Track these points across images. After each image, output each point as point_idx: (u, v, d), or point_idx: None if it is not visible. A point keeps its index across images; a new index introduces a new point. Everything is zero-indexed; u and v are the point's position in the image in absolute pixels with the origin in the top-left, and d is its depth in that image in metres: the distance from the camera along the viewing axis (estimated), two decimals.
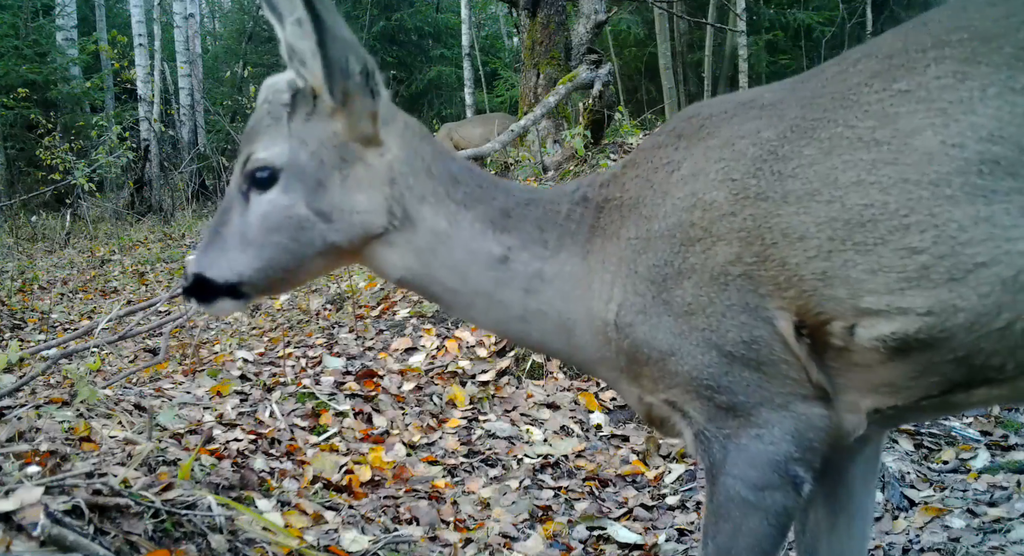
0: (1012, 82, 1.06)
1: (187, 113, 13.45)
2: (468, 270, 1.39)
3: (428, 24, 15.32)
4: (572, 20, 7.19)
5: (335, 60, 1.35)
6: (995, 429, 3.34)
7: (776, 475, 1.22)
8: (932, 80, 1.12)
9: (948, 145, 1.08)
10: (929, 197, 1.08)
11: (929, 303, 1.09)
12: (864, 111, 1.15)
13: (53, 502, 1.57)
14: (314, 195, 1.36)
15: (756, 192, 1.20)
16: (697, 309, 1.23)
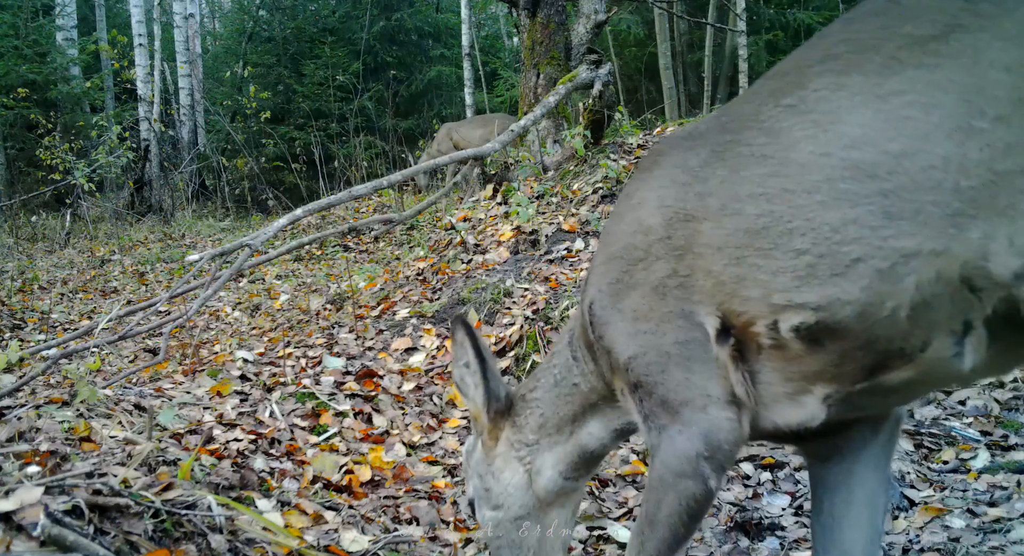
0: (878, 89, 1.14)
1: (187, 113, 13.44)
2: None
3: (428, 24, 15.30)
4: (572, 20, 7.18)
5: (488, 392, 1.78)
6: (995, 429, 3.34)
7: (689, 467, 1.40)
8: (811, 93, 1.22)
9: (818, 154, 1.18)
10: (805, 204, 1.19)
11: (819, 298, 1.20)
12: (759, 129, 1.28)
13: (53, 502, 1.57)
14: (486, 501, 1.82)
15: (685, 215, 1.36)
16: (642, 316, 1.43)
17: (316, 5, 15.17)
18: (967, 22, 1.09)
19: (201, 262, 4.29)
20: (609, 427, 1.72)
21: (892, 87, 1.13)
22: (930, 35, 1.12)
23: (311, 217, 7.95)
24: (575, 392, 1.72)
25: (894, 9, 1.20)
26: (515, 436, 1.78)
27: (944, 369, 1.21)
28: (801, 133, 1.21)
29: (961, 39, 1.09)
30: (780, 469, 3.17)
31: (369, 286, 5.35)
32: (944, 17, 1.12)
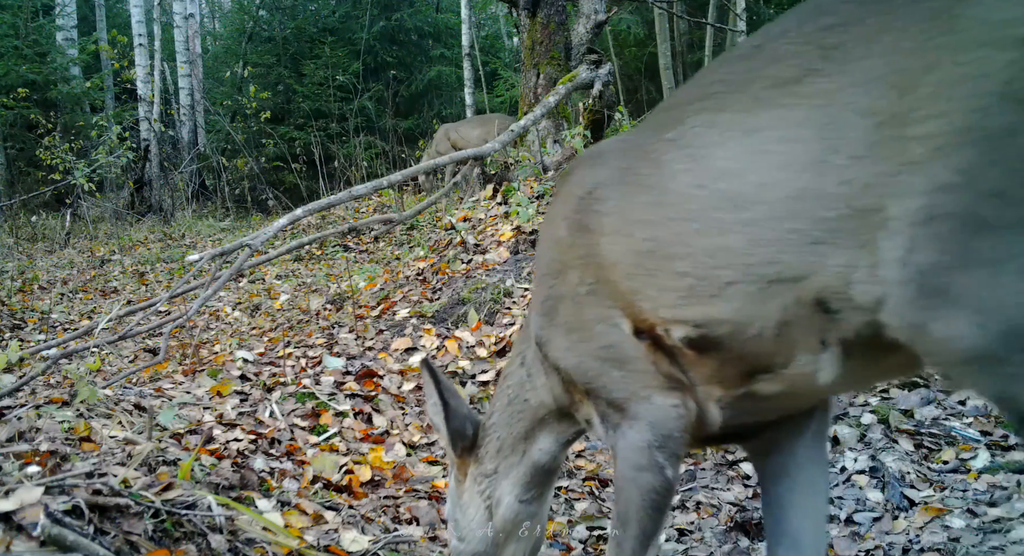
0: (744, 125, 1.24)
1: (187, 113, 13.44)
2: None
3: (428, 24, 15.29)
4: (572, 20, 7.18)
5: (455, 431, 1.86)
6: (995, 429, 3.34)
7: (644, 459, 1.49)
8: (690, 129, 1.32)
9: (693, 185, 1.29)
10: (684, 231, 1.30)
11: (699, 316, 1.31)
12: (647, 159, 1.39)
13: (53, 502, 1.57)
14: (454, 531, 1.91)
15: (585, 227, 1.48)
16: (572, 327, 1.55)
17: (316, 5, 15.16)
18: (822, 67, 1.17)
19: (201, 262, 4.28)
20: (558, 440, 1.82)
21: (755, 124, 1.23)
22: (790, 77, 1.20)
23: (311, 217, 7.95)
24: (526, 408, 1.80)
25: (759, 54, 1.29)
26: (478, 469, 1.87)
27: (805, 382, 1.31)
28: (680, 166, 1.32)
29: (816, 83, 1.17)
30: None
31: (369, 286, 5.35)
32: (802, 61, 1.20)
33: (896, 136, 1.09)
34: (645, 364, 1.45)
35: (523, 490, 1.83)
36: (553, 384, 1.71)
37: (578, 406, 1.68)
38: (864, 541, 2.56)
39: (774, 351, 1.28)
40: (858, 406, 3.64)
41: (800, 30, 1.24)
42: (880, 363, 1.27)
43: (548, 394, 1.75)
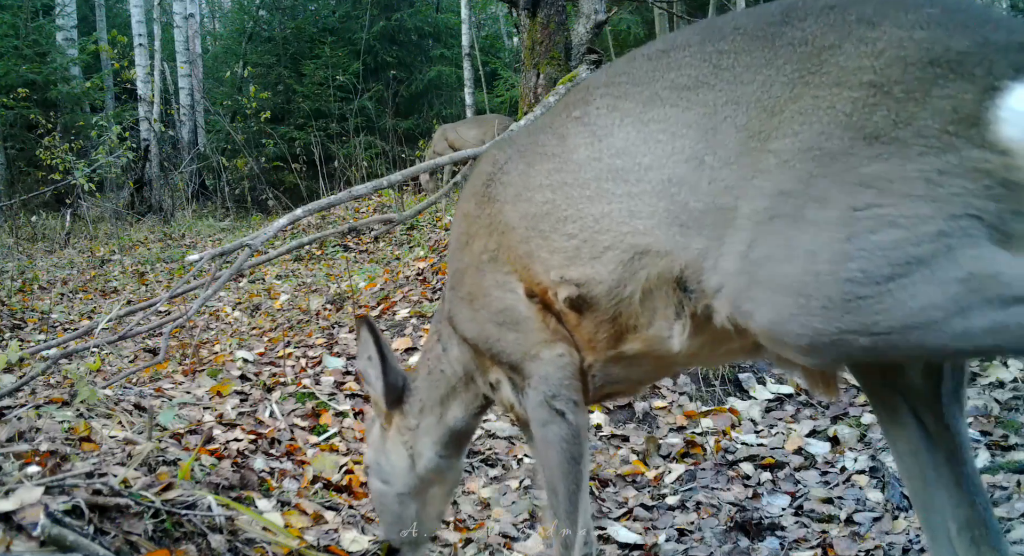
0: (642, 115, 1.44)
1: (187, 113, 13.44)
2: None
3: (428, 24, 15.27)
4: (572, 20, 7.18)
5: (390, 386, 2.01)
6: (995, 429, 3.33)
7: (546, 412, 1.66)
8: (594, 109, 1.51)
9: (591, 158, 1.48)
10: (577, 197, 1.49)
11: (581, 276, 1.50)
12: (552, 133, 1.58)
13: (53, 502, 1.57)
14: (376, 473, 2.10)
15: (489, 197, 1.67)
16: (474, 295, 1.73)
17: (316, 5, 15.16)
18: (713, 83, 1.37)
19: (201, 262, 4.28)
20: (467, 410, 2.01)
21: (652, 116, 1.43)
22: (685, 84, 1.41)
23: (311, 217, 7.95)
24: (442, 378, 1.99)
25: (664, 58, 1.48)
26: (403, 422, 2.05)
27: (663, 347, 1.51)
28: (581, 139, 1.51)
29: (706, 93, 1.37)
30: (780, 469, 3.17)
31: (369, 286, 5.35)
32: (698, 74, 1.40)
33: (758, 149, 1.29)
34: (536, 323, 1.64)
35: (441, 447, 2.03)
36: (465, 357, 1.90)
37: (489, 378, 1.87)
38: (864, 541, 2.56)
39: (638, 314, 1.48)
40: (858, 406, 3.64)
41: (701, 47, 1.43)
42: (725, 343, 1.44)
43: (460, 367, 1.94)
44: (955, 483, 1.37)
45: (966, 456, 1.38)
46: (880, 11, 1.28)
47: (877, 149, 1.20)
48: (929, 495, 1.40)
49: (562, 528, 1.69)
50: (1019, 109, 1.15)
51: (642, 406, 3.65)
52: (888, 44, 1.24)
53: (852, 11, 1.30)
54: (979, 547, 1.33)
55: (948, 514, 1.37)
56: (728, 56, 1.39)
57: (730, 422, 3.55)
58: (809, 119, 1.26)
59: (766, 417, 3.64)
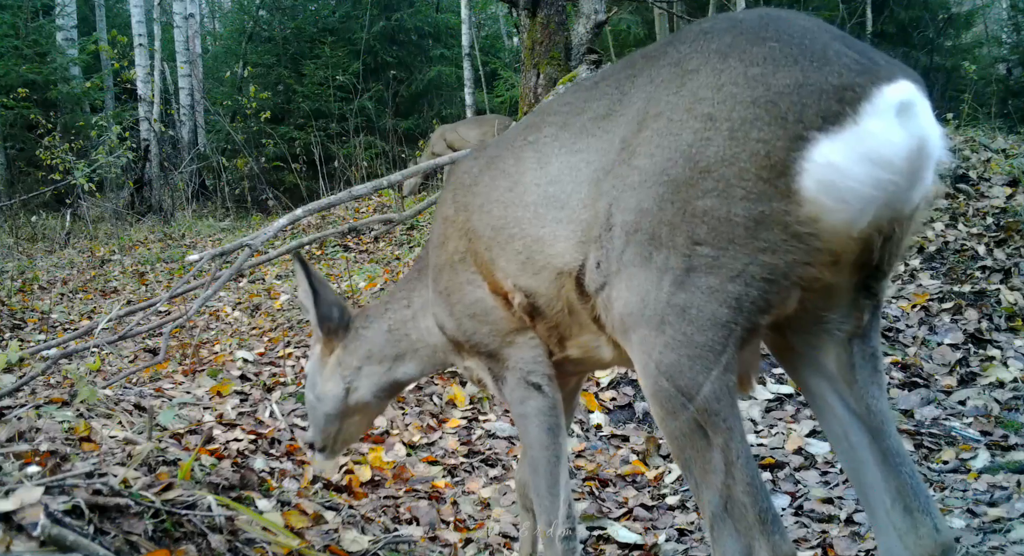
0: (572, 145, 1.52)
1: (187, 113, 13.43)
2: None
3: (428, 24, 15.27)
4: (572, 20, 7.18)
5: (323, 315, 2.21)
6: (995, 429, 3.34)
7: (523, 390, 1.80)
8: (543, 136, 1.60)
9: (535, 183, 1.58)
10: (522, 216, 1.60)
11: (528, 287, 1.62)
12: (511, 154, 1.69)
13: (53, 502, 1.57)
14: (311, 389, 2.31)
15: (463, 205, 1.79)
16: (450, 291, 1.85)
17: (316, 5, 15.15)
18: (619, 109, 1.44)
19: (201, 262, 4.28)
20: (420, 368, 2.19)
21: (577, 146, 1.51)
22: (601, 115, 1.48)
23: (311, 217, 7.95)
24: (404, 339, 2.15)
25: (595, 88, 1.56)
26: (344, 357, 2.22)
27: (597, 354, 1.64)
28: (530, 164, 1.61)
29: (613, 119, 1.44)
30: (780, 469, 3.17)
31: (369, 286, 5.35)
32: (611, 102, 1.47)
33: (626, 162, 1.36)
34: (504, 314, 1.76)
35: (379, 390, 2.23)
36: (439, 339, 2.05)
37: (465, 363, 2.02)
38: (864, 541, 2.56)
39: (570, 324, 1.62)
40: None
41: (616, 76, 1.51)
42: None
43: (431, 339, 2.09)
44: (882, 459, 1.40)
45: (888, 431, 1.41)
46: (735, 42, 1.29)
47: (710, 184, 1.22)
48: (862, 473, 1.42)
49: (544, 502, 1.78)
50: (822, 161, 1.14)
51: (642, 406, 3.65)
52: (728, 78, 1.25)
53: (715, 39, 1.32)
54: (912, 514, 1.35)
55: (881, 489, 1.39)
56: (632, 80, 1.45)
57: None
58: (662, 142, 1.30)
59: (766, 417, 3.64)
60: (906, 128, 1.16)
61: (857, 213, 1.16)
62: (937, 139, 1.21)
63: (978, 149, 6.24)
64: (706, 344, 1.26)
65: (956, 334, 4.20)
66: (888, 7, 15.70)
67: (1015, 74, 16.13)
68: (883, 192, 1.16)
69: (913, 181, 1.19)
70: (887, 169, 1.15)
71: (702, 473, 1.31)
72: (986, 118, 11.98)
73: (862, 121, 1.15)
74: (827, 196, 1.15)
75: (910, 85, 1.18)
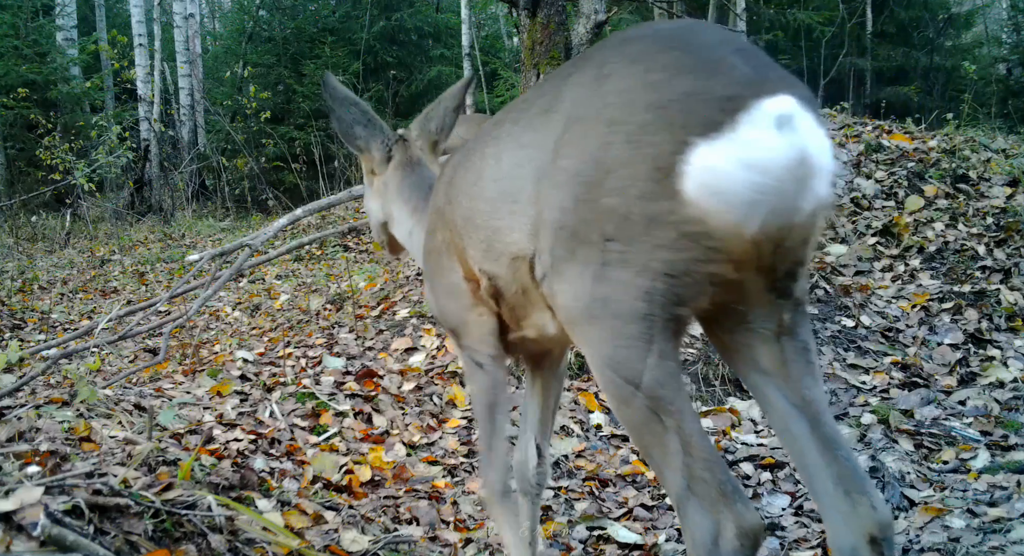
0: (520, 140, 1.60)
1: (187, 113, 13.43)
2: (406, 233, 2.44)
3: (428, 24, 15.25)
4: (572, 20, 7.18)
5: (344, 132, 2.38)
6: (995, 429, 3.34)
7: (471, 366, 1.97)
8: (503, 133, 1.68)
9: (491, 179, 1.68)
10: (483, 209, 1.70)
11: (491, 271, 1.74)
12: (480, 149, 1.77)
13: (53, 502, 1.57)
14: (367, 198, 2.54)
15: (448, 199, 1.89)
16: (434, 273, 2.00)
17: (316, 5, 15.14)
18: (554, 108, 1.50)
19: (201, 262, 4.28)
20: None
21: (525, 140, 1.58)
22: (542, 111, 1.54)
23: (311, 217, 7.95)
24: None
25: (543, 86, 1.65)
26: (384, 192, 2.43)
27: (546, 332, 1.75)
28: (491, 160, 1.70)
29: (551, 116, 1.50)
30: (780, 469, 3.17)
31: (369, 286, 5.35)
32: (547, 101, 1.54)
33: (555, 162, 1.44)
34: (470, 297, 1.90)
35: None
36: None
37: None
38: None
39: (525, 305, 1.73)
40: (858, 406, 3.64)
41: (558, 75, 1.60)
42: None
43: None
44: (822, 447, 1.43)
45: (825, 419, 1.45)
46: (645, 49, 1.38)
47: (613, 183, 1.32)
48: (806, 461, 1.46)
49: (483, 464, 2.05)
50: (701, 165, 1.22)
51: None
52: (632, 83, 1.33)
53: (631, 45, 1.43)
54: (851, 496, 1.40)
55: (824, 475, 1.43)
56: (566, 80, 1.52)
57: (730, 422, 3.55)
58: (579, 144, 1.39)
59: (766, 417, 3.64)
60: (784, 138, 1.22)
61: (743, 216, 1.23)
62: (820, 150, 1.25)
63: (978, 149, 6.24)
64: (633, 335, 1.34)
65: (956, 334, 4.20)
66: (888, 7, 15.70)
67: (1015, 74, 16.13)
68: (765, 198, 1.22)
69: (798, 189, 1.24)
70: (765, 175, 1.21)
71: (662, 457, 1.35)
72: (986, 118, 11.99)
73: (739, 129, 1.22)
74: (708, 198, 1.23)
75: (791, 99, 1.24)
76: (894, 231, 5.17)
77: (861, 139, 6.22)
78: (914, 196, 5.46)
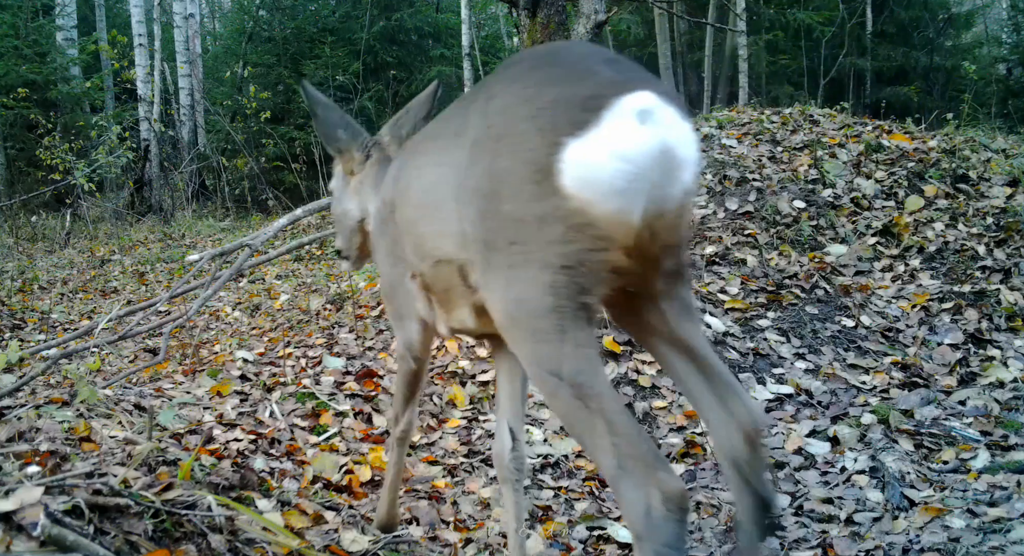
0: (439, 158, 1.75)
1: (187, 113, 13.43)
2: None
3: (428, 24, 15.25)
4: (572, 20, 7.18)
5: (327, 134, 2.50)
6: (995, 429, 3.34)
7: (398, 355, 2.23)
8: (431, 147, 1.84)
9: (419, 189, 1.86)
10: (411, 217, 1.91)
11: (420, 268, 1.93)
12: (411, 162, 1.95)
13: (53, 502, 1.57)
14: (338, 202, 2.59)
15: (391, 199, 2.08)
16: (383, 260, 2.19)
17: (316, 5, 15.14)
18: (461, 129, 1.62)
19: (201, 262, 4.28)
20: None
21: (442, 160, 1.72)
22: (454, 133, 1.67)
23: (311, 217, 7.95)
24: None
25: (461, 104, 1.77)
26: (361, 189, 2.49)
27: (467, 324, 1.91)
28: (416, 172, 1.88)
29: (459, 142, 1.62)
30: (780, 469, 3.17)
31: (369, 286, 5.35)
32: (458, 124, 1.67)
33: (464, 182, 1.56)
34: (412, 296, 2.05)
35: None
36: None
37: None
38: (864, 541, 2.56)
39: (449, 300, 1.89)
40: (858, 406, 3.64)
41: (468, 98, 1.72)
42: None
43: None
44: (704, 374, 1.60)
45: (706, 353, 1.62)
46: (522, 71, 1.54)
47: (506, 192, 1.44)
48: (694, 393, 1.63)
49: (392, 417, 2.38)
50: (574, 161, 1.35)
51: (642, 406, 3.65)
52: (511, 101, 1.48)
53: (512, 68, 1.58)
54: (726, 403, 1.57)
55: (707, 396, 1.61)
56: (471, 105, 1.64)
57: None
58: (478, 163, 1.51)
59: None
60: (647, 129, 1.33)
61: (622, 205, 1.35)
62: (683, 139, 1.38)
63: (978, 149, 6.24)
64: (548, 329, 1.43)
65: (956, 334, 4.20)
66: (888, 7, 15.70)
67: (1015, 74, 16.14)
68: (638, 185, 1.35)
69: (666, 177, 1.37)
70: (633, 164, 1.33)
71: (592, 440, 1.42)
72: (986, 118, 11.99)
73: (603, 124, 1.34)
74: (585, 189, 1.35)
75: (651, 95, 1.36)
76: (894, 231, 5.17)
77: (861, 139, 6.22)
78: (914, 196, 5.46)
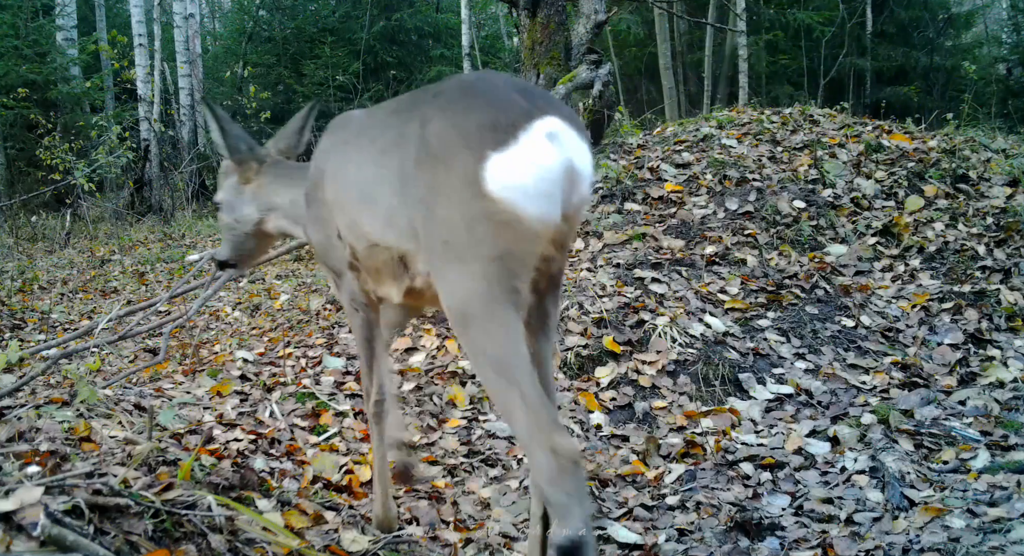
0: (377, 159, 1.97)
1: (187, 113, 13.43)
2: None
3: (428, 24, 15.27)
4: (572, 20, 7.18)
5: (231, 146, 2.75)
6: (995, 429, 3.33)
7: (350, 307, 2.39)
8: (366, 144, 2.06)
9: (355, 179, 2.09)
10: (346, 200, 2.13)
11: (355, 246, 2.14)
12: (350, 147, 2.17)
13: (53, 502, 1.57)
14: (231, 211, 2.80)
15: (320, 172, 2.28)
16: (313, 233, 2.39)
17: (316, 5, 15.15)
18: (400, 143, 1.86)
19: (201, 262, 4.28)
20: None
21: (382, 161, 1.95)
22: (393, 143, 1.91)
23: None
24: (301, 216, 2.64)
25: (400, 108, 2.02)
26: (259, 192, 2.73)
27: (392, 298, 2.13)
28: (352, 165, 2.11)
29: (400, 151, 1.86)
30: (780, 469, 3.17)
31: None
32: (395, 135, 1.91)
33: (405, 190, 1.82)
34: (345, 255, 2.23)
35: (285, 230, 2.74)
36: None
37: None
38: (864, 541, 2.56)
39: (377, 277, 2.13)
40: (858, 406, 3.64)
41: (403, 112, 1.95)
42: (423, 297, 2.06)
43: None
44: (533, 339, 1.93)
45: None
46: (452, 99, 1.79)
47: (443, 199, 1.69)
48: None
49: (363, 379, 2.49)
50: (497, 170, 1.62)
51: (642, 406, 3.65)
52: (444, 124, 1.72)
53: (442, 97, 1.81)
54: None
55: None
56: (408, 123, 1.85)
57: (730, 422, 3.55)
58: (420, 176, 1.74)
59: (766, 417, 3.64)
60: (554, 147, 1.64)
61: (543, 206, 1.64)
62: (580, 157, 1.69)
63: (978, 149, 6.24)
64: (485, 315, 1.66)
65: (956, 334, 4.20)
66: (888, 7, 15.69)
67: (1015, 74, 16.14)
68: (550, 191, 1.64)
69: (571, 185, 1.67)
70: (546, 173, 1.63)
71: (512, 412, 1.63)
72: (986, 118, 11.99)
73: (521, 142, 1.63)
74: (507, 192, 1.61)
75: (557, 120, 1.67)
76: (894, 231, 5.17)
77: (861, 139, 6.21)
78: (914, 196, 5.46)
